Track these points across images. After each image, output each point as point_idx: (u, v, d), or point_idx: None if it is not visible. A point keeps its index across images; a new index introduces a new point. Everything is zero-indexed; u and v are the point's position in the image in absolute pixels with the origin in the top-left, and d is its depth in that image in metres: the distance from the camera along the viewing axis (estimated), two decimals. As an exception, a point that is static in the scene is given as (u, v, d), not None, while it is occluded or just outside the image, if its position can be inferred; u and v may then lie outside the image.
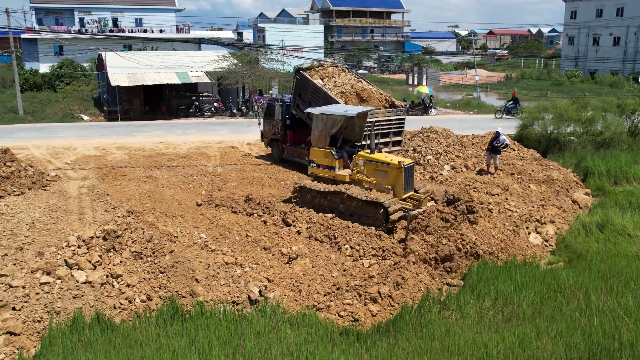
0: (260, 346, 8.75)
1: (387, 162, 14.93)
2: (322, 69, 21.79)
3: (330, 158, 16.29)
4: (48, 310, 9.60)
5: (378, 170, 15.12)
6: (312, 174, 16.97)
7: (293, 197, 15.83)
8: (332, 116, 16.18)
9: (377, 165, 15.15)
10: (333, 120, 16.17)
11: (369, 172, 15.31)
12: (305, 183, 15.66)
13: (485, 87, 58.99)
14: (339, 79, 21.23)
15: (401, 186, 14.68)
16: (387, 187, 14.71)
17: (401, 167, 14.55)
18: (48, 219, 14.36)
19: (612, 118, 24.49)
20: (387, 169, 14.87)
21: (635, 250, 13.18)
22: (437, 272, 12.22)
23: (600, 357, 8.25)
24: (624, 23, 65.77)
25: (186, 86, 39.29)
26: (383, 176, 14.98)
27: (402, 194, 14.73)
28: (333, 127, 16.26)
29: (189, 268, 10.87)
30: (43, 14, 62.62)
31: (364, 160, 15.44)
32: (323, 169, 16.49)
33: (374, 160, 15.26)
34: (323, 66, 22.19)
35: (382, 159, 15.20)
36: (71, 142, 26.75)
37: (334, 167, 16.18)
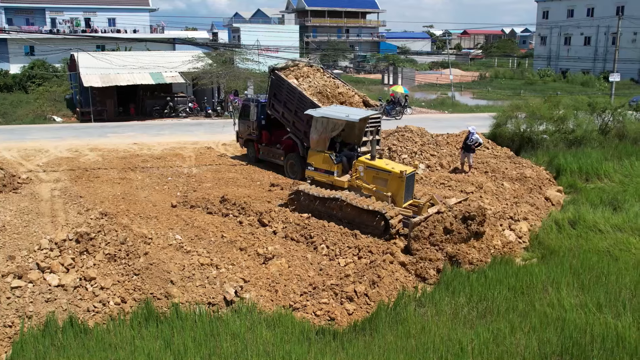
0: (236, 347, 8.72)
1: (389, 170, 14.43)
2: (297, 69, 21.72)
3: (329, 162, 15.62)
4: (19, 315, 9.45)
5: (378, 177, 14.59)
6: (309, 177, 16.31)
7: (289, 202, 15.38)
8: (333, 119, 15.56)
9: (377, 173, 14.62)
10: (334, 124, 15.58)
11: (369, 179, 14.76)
12: (302, 187, 15.09)
13: (459, 87, 59.55)
14: (314, 78, 21.20)
15: (402, 195, 14.23)
16: (387, 195, 14.25)
17: (403, 177, 14.09)
18: (19, 222, 14.11)
19: (584, 116, 24.90)
20: (388, 177, 14.37)
21: (606, 246, 13.42)
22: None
23: (572, 351, 8.40)
24: (594, 23, 67.00)
25: (160, 87, 38.94)
26: (383, 184, 14.47)
27: (402, 203, 14.27)
28: (333, 131, 15.65)
29: (164, 270, 10.79)
30: (13, 13, 61.51)
31: (364, 166, 14.86)
32: (321, 173, 15.82)
33: (375, 167, 14.71)
34: (298, 66, 22.14)
35: (384, 166, 14.66)
36: (43, 144, 26.33)
37: (333, 171, 15.53)
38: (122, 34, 61.30)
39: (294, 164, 20.59)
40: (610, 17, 61.45)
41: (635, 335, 8.69)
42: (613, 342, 8.55)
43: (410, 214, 13.95)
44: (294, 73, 21.21)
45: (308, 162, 16.27)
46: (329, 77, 21.95)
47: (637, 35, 62.66)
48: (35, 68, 47.36)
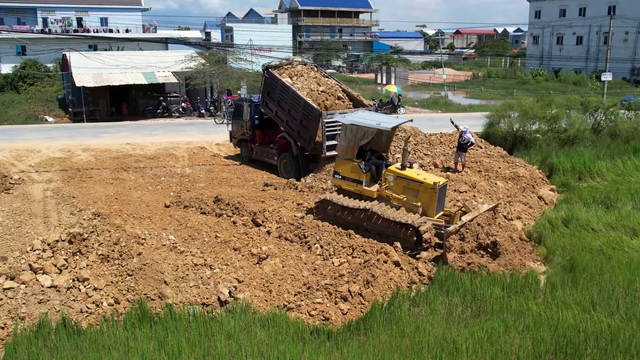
0: (230, 347, 8.69)
1: (421, 180, 13.78)
2: (291, 67, 21.69)
3: (357, 171, 14.73)
4: (12, 316, 9.39)
5: (409, 188, 13.93)
6: (335, 186, 15.64)
7: (315, 211, 14.81)
8: (363, 127, 14.54)
9: (408, 183, 13.94)
10: (364, 132, 14.55)
11: (399, 189, 14.07)
12: (330, 197, 14.52)
13: (452, 86, 59.67)
14: (308, 77, 21.18)
15: (434, 207, 13.65)
16: (417, 206, 13.67)
17: (436, 188, 13.48)
18: (11, 222, 14.03)
19: (576, 116, 24.99)
20: (420, 188, 13.74)
21: (599, 244, 13.47)
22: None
23: (566, 350, 8.42)
24: (586, 23, 67.29)
25: (153, 86, 38.84)
26: (414, 194, 13.83)
27: (434, 215, 13.71)
28: (363, 139, 14.63)
29: (158, 270, 10.74)
30: (4, 13, 61.17)
31: (394, 176, 14.16)
32: (349, 182, 14.95)
33: (406, 177, 14.02)
34: (292, 64, 22.10)
35: (415, 176, 13.97)
36: (35, 144, 26.20)
37: (362, 181, 14.65)
38: (115, 33, 61.08)
39: (288, 163, 20.59)
40: (602, 17, 61.72)
41: (629, 334, 8.72)
42: (607, 341, 8.57)
43: (442, 223, 13.45)
44: (288, 72, 21.18)
45: (335, 171, 15.39)
46: (323, 76, 21.93)
47: (628, 35, 62.99)
48: (27, 68, 47.10)
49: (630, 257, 12.61)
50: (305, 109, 19.14)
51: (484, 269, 11.93)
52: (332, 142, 18.97)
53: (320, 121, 18.75)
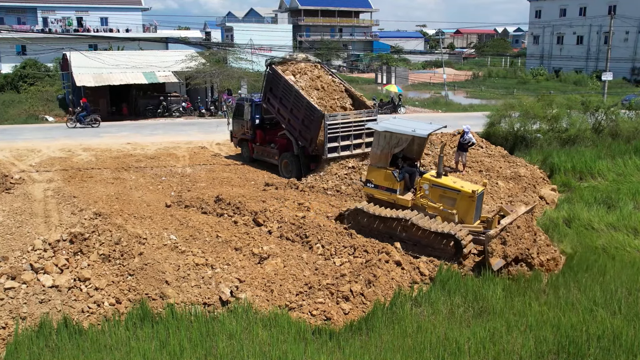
0: (232, 347, 8.68)
1: (458, 189, 13.44)
2: (295, 64, 21.47)
3: (391, 180, 14.24)
4: (13, 316, 9.38)
5: (446, 196, 13.55)
6: (368, 195, 15.07)
7: (346, 220, 14.34)
8: (397, 134, 14.06)
9: (445, 191, 13.57)
10: (398, 139, 14.10)
11: (435, 198, 13.66)
12: (362, 206, 14.03)
13: (452, 86, 59.65)
14: (312, 75, 20.95)
15: (472, 215, 13.31)
16: (453, 214, 13.35)
17: (474, 196, 13.14)
18: (12, 222, 14.01)
19: (577, 115, 24.98)
20: (457, 197, 13.39)
21: (601, 244, 13.46)
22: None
23: (569, 350, 8.41)
24: (586, 22, 67.23)
25: (154, 86, 38.82)
26: (451, 203, 13.46)
27: (472, 223, 13.35)
28: (397, 147, 14.21)
29: (159, 270, 10.73)
30: (4, 12, 61.12)
31: (429, 184, 13.78)
32: (382, 191, 14.43)
33: (443, 185, 13.64)
34: (295, 60, 21.89)
35: (452, 185, 13.61)
36: (35, 144, 26.19)
37: (396, 189, 14.16)
38: (115, 33, 61.04)
39: (289, 163, 20.56)
40: (603, 17, 61.67)
41: (632, 334, 8.71)
42: (609, 341, 8.56)
43: (480, 229, 13.13)
44: (291, 69, 20.98)
45: (367, 179, 14.94)
46: (326, 74, 21.72)
47: (629, 35, 62.96)
48: (27, 67, 47.03)
49: (633, 257, 12.62)
50: (308, 109, 19.06)
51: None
52: (333, 144, 18.87)
53: (322, 122, 18.65)
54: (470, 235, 12.69)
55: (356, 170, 18.79)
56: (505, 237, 12.10)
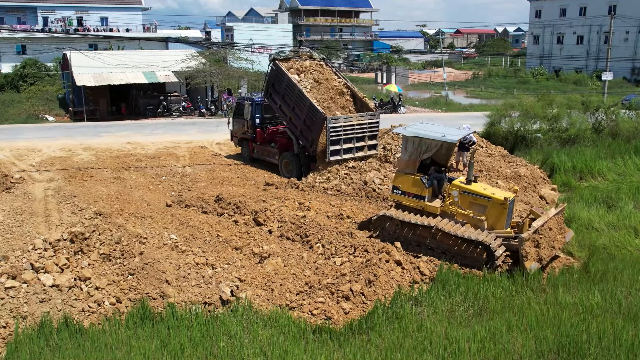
0: (233, 346, 8.69)
1: (489, 196, 13.02)
2: (299, 61, 21.30)
3: (420, 186, 13.75)
4: (14, 316, 9.38)
5: (476, 203, 13.16)
6: (395, 201, 14.62)
7: (372, 227, 14.13)
8: (426, 140, 13.63)
9: (475, 198, 13.17)
10: (427, 145, 13.69)
11: (465, 205, 13.29)
12: (389, 213, 13.76)
13: (453, 86, 59.65)
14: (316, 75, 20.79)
15: (503, 223, 12.91)
16: (482, 220, 12.97)
17: (506, 203, 12.74)
18: (13, 222, 14.01)
19: (577, 115, 24.97)
20: (488, 204, 12.97)
21: (601, 243, 13.46)
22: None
23: (569, 349, 8.41)
24: (586, 22, 67.24)
25: (154, 86, 38.82)
26: (482, 210, 13.06)
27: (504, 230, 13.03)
28: (426, 152, 13.82)
29: (159, 269, 10.74)
30: (4, 12, 61.10)
31: (459, 191, 13.40)
32: (410, 198, 13.94)
33: (473, 192, 13.24)
34: (300, 57, 21.69)
35: (482, 192, 13.21)
36: (36, 143, 26.19)
37: (424, 196, 13.69)
38: (115, 32, 61.03)
39: (289, 162, 20.55)
40: (603, 16, 61.69)
41: (632, 333, 8.71)
42: (609, 341, 8.56)
43: (511, 234, 12.85)
44: (296, 66, 20.81)
45: (394, 185, 14.50)
46: (331, 73, 21.56)
47: (629, 34, 62.97)
48: (27, 67, 47.01)
49: (633, 257, 12.63)
50: (310, 110, 18.96)
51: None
52: (336, 147, 18.77)
53: (324, 125, 18.58)
54: (500, 241, 12.45)
55: (356, 170, 18.78)
56: (538, 239, 11.97)
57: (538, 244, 11.95)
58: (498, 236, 12.54)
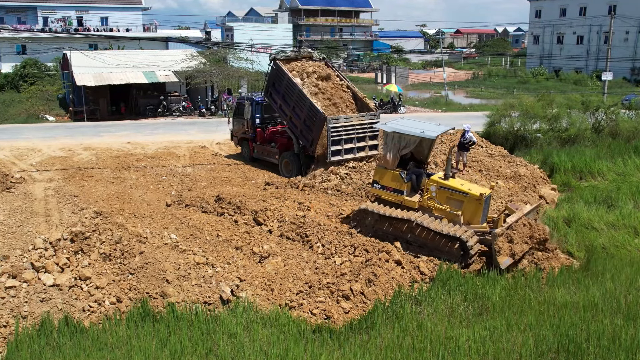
0: (233, 346, 8.70)
1: (465, 191, 13.37)
2: (300, 63, 21.23)
3: (398, 181, 14.17)
4: (14, 315, 9.39)
5: (453, 198, 13.49)
6: (375, 195, 15.16)
7: (352, 220, 14.41)
8: (406, 136, 14.02)
9: (452, 194, 13.50)
10: (407, 141, 14.06)
11: (442, 200, 13.62)
12: (369, 207, 14.06)
13: (453, 86, 59.63)
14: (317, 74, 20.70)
15: (479, 218, 13.23)
16: (459, 215, 13.31)
17: (481, 199, 13.07)
18: (13, 221, 14.03)
19: (577, 115, 24.97)
20: (465, 199, 13.32)
21: (601, 243, 13.47)
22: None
23: (568, 349, 8.41)
24: (586, 22, 67.20)
25: (154, 86, 38.82)
26: (458, 205, 13.41)
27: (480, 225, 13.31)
28: (405, 148, 14.18)
29: (160, 269, 10.75)
30: (4, 12, 61.09)
31: (437, 186, 13.73)
32: (389, 192, 14.36)
33: (450, 187, 13.59)
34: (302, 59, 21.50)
35: (459, 187, 13.53)
36: (36, 143, 26.20)
37: (402, 191, 14.08)
38: (115, 32, 61.02)
39: (289, 162, 20.55)
40: (603, 16, 61.67)
41: (631, 333, 8.72)
42: (609, 340, 8.56)
43: (486, 229, 13.07)
44: (297, 68, 20.73)
45: (374, 180, 14.87)
46: (332, 73, 21.48)
47: (629, 34, 62.94)
48: (28, 67, 47.00)
49: (633, 256, 12.64)
50: (311, 111, 18.96)
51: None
52: (337, 147, 18.77)
53: (324, 125, 18.57)
54: (477, 237, 12.68)
55: (356, 170, 18.79)
56: (512, 235, 12.14)
57: (511, 239, 12.18)
58: (473, 231, 12.80)
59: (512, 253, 12.05)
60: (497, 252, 11.92)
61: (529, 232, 12.54)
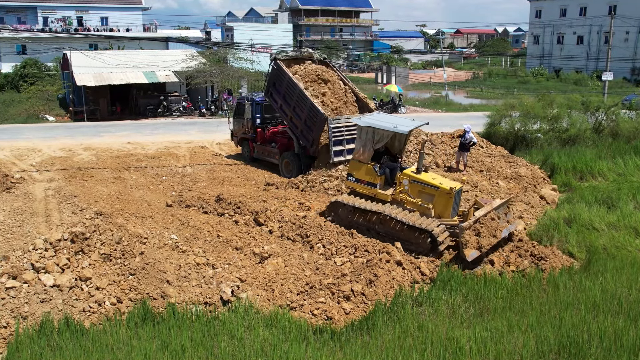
0: (233, 347, 8.68)
1: (436, 185, 13.63)
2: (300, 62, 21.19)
3: (372, 174, 14.52)
4: (14, 316, 9.37)
5: (424, 192, 13.75)
6: (350, 188, 15.46)
7: (326, 213, 14.74)
8: (379, 130, 14.33)
9: (424, 187, 13.77)
10: (380, 135, 14.36)
11: (414, 193, 13.88)
12: (342, 199, 14.39)
13: (453, 86, 59.64)
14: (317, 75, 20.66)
15: (449, 212, 13.50)
16: (429, 209, 13.55)
17: (452, 193, 13.33)
18: (13, 222, 14.02)
19: (577, 115, 24.96)
20: (435, 193, 13.59)
21: (601, 244, 13.46)
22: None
23: (570, 350, 8.40)
24: (586, 22, 67.23)
25: (154, 86, 38.83)
26: (429, 199, 13.66)
27: (450, 218, 13.58)
28: (379, 142, 14.47)
29: (160, 269, 10.73)
30: (4, 12, 61.11)
31: (409, 180, 14.00)
32: (363, 185, 14.73)
33: (421, 181, 13.84)
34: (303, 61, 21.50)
35: (430, 181, 13.80)
36: (36, 143, 26.19)
37: (376, 184, 14.45)
38: (115, 32, 61.02)
39: (290, 162, 20.54)
40: (603, 17, 61.70)
41: (633, 334, 8.70)
42: (610, 341, 8.55)
43: (456, 222, 13.30)
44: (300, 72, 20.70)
45: (349, 173, 15.23)
46: (333, 73, 21.39)
47: (629, 35, 62.95)
48: (28, 67, 47.02)
49: (633, 257, 12.61)
50: (311, 111, 18.95)
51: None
52: (339, 148, 18.76)
53: (325, 126, 18.55)
54: (446, 231, 13.00)
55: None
56: (479, 228, 12.46)
57: (479, 232, 12.43)
58: (443, 224, 13.07)
59: (479, 246, 12.33)
60: (464, 245, 12.20)
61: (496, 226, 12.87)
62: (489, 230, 12.68)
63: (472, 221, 12.45)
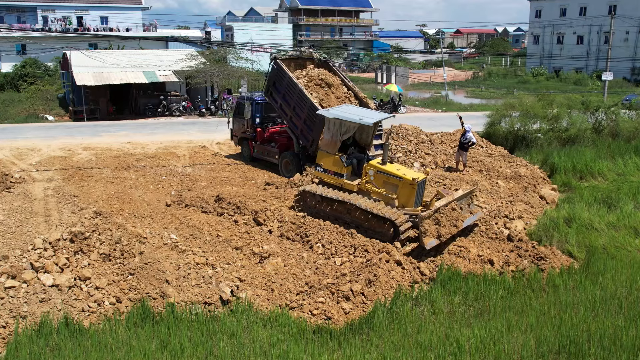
0: (233, 346, 8.68)
1: (400, 176, 14.01)
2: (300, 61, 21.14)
3: (339, 165, 14.97)
4: (14, 315, 9.37)
5: (389, 182, 14.14)
6: (317, 178, 15.91)
7: (295, 202, 15.12)
8: (346, 122, 14.74)
9: (388, 178, 14.15)
10: (347, 127, 14.81)
11: (379, 183, 14.28)
12: (309, 188, 14.77)
13: (453, 85, 59.63)
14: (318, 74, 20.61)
15: (412, 202, 13.82)
16: (393, 199, 13.87)
17: (414, 183, 13.68)
18: (12, 221, 14.00)
19: (577, 115, 24.93)
20: (399, 183, 13.95)
21: (601, 243, 13.45)
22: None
23: (569, 349, 8.40)
24: (586, 22, 67.21)
25: (154, 85, 38.80)
26: (393, 189, 14.04)
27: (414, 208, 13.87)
28: (345, 134, 14.91)
29: (159, 269, 10.73)
30: (4, 11, 61.08)
31: (374, 170, 14.40)
32: (330, 175, 15.19)
33: (386, 172, 14.24)
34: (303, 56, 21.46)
35: (395, 172, 14.18)
36: (35, 143, 26.17)
37: (343, 174, 14.90)
38: (115, 32, 60.99)
39: (289, 162, 20.52)
40: (603, 16, 61.69)
41: (632, 334, 8.70)
42: (610, 341, 8.55)
43: (418, 212, 13.50)
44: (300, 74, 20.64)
45: (317, 163, 15.68)
46: (333, 73, 21.37)
47: (629, 35, 62.92)
48: (27, 67, 47.00)
49: (633, 257, 12.60)
50: (311, 110, 18.95)
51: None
52: None
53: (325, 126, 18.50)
54: (409, 220, 13.36)
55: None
56: (439, 218, 12.82)
57: (438, 222, 12.79)
58: (406, 213, 13.48)
59: (438, 235, 12.64)
60: (423, 234, 12.51)
61: (457, 216, 13.24)
62: (450, 220, 13.03)
63: (432, 211, 12.82)
